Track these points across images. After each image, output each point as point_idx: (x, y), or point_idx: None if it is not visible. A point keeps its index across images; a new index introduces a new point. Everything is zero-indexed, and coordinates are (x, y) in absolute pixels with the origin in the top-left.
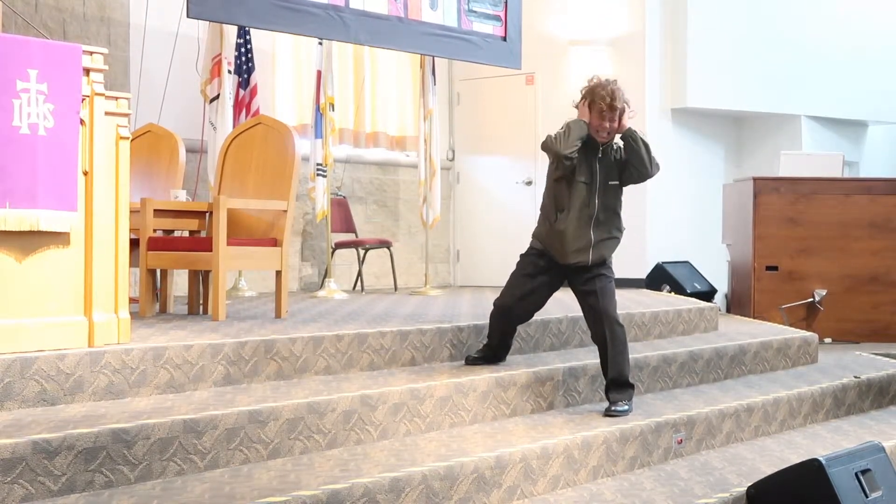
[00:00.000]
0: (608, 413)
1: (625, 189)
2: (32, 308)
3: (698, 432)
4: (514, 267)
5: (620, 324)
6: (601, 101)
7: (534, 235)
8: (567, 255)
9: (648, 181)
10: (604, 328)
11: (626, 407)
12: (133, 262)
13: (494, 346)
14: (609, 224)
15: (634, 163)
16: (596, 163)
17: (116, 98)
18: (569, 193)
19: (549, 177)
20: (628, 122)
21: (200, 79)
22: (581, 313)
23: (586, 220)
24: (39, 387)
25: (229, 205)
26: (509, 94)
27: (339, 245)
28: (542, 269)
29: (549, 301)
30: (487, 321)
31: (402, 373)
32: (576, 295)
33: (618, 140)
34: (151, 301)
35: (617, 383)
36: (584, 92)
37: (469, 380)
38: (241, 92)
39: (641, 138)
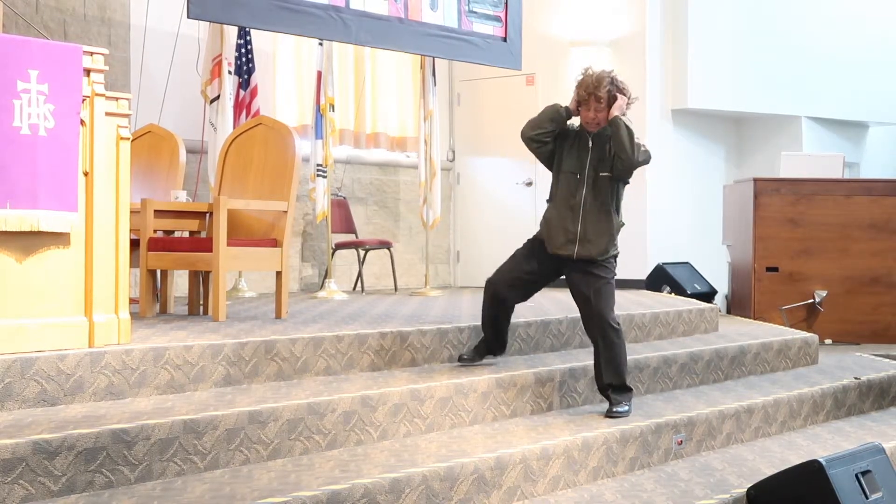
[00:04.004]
0: (609, 414)
1: (625, 187)
2: (33, 308)
3: (698, 433)
4: None
5: (615, 327)
6: (584, 89)
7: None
8: (552, 245)
9: (648, 182)
10: (595, 331)
11: (627, 408)
12: (133, 263)
13: (489, 338)
14: (599, 219)
15: (617, 149)
16: (587, 154)
17: (117, 98)
18: (558, 183)
19: None
20: (624, 105)
21: (201, 79)
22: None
23: (572, 212)
24: (40, 387)
25: (229, 205)
26: (510, 94)
27: (340, 246)
28: (537, 254)
29: (549, 302)
30: None
31: (403, 373)
32: (571, 294)
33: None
34: (152, 302)
35: (615, 385)
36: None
37: (469, 381)
38: (242, 92)
39: (626, 124)
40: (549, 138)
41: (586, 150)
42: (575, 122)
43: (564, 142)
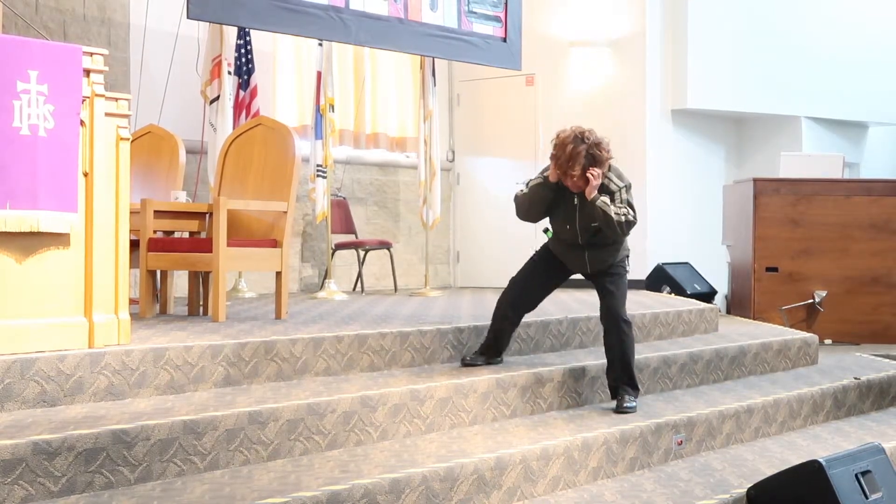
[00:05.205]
0: (619, 410)
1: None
2: (33, 309)
3: (698, 433)
4: (513, 268)
5: (627, 320)
6: (558, 167)
7: None
8: (567, 265)
9: (648, 182)
10: (609, 323)
11: (635, 402)
12: (133, 263)
13: (491, 338)
14: (603, 245)
15: (602, 228)
16: (574, 211)
17: (117, 99)
18: (557, 228)
19: None
20: (596, 182)
21: (200, 80)
22: (582, 314)
23: (575, 248)
24: (39, 388)
25: (229, 206)
26: (509, 95)
27: (339, 246)
28: (551, 260)
29: (549, 302)
30: (488, 322)
31: (403, 374)
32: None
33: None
34: (151, 302)
35: (623, 379)
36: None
37: (469, 381)
38: (242, 93)
39: (603, 211)
40: (544, 212)
41: (573, 207)
42: None
43: (553, 193)
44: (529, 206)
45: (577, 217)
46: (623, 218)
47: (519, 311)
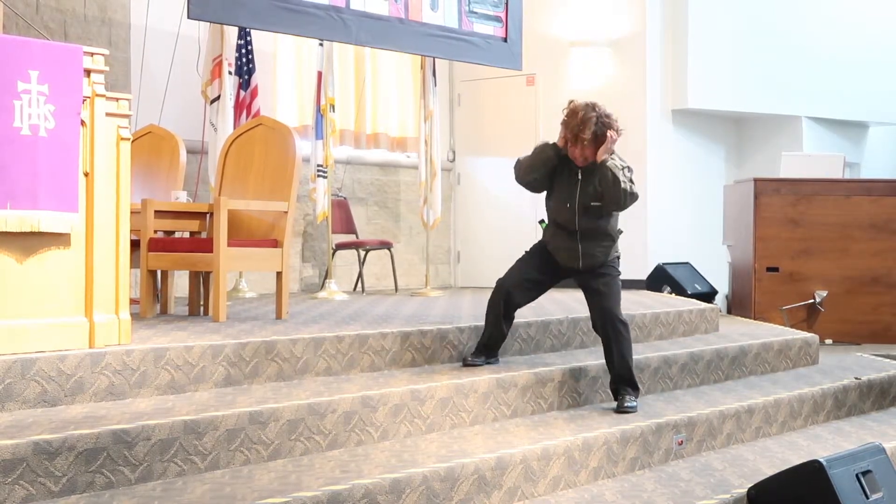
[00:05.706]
0: (620, 410)
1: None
2: (33, 309)
3: (699, 433)
4: None
5: (623, 321)
6: (569, 131)
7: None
8: (559, 260)
9: (648, 182)
10: (606, 325)
11: (636, 402)
12: (134, 263)
13: (486, 339)
14: (597, 236)
15: (605, 193)
16: (576, 186)
17: (117, 99)
18: (551, 208)
19: None
20: (611, 145)
21: (201, 80)
22: (582, 314)
23: (570, 236)
24: (40, 388)
25: (230, 206)
26: (510, 95)
27: (340, 246)
28: (544, 258)
29: (549, 302)
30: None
31: (403, 374)
32: (582, 291)
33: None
34: (152, 302)
35: (623, 379)
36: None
37: (470, 381)
38: (242, 93)
39: (612, 171)
40: (545, 179)
41: (575, 182)
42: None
43: (554, 170)
44: (531, 166)
45: (577, 194)
46: (628, 187)
47: (511, 308)
